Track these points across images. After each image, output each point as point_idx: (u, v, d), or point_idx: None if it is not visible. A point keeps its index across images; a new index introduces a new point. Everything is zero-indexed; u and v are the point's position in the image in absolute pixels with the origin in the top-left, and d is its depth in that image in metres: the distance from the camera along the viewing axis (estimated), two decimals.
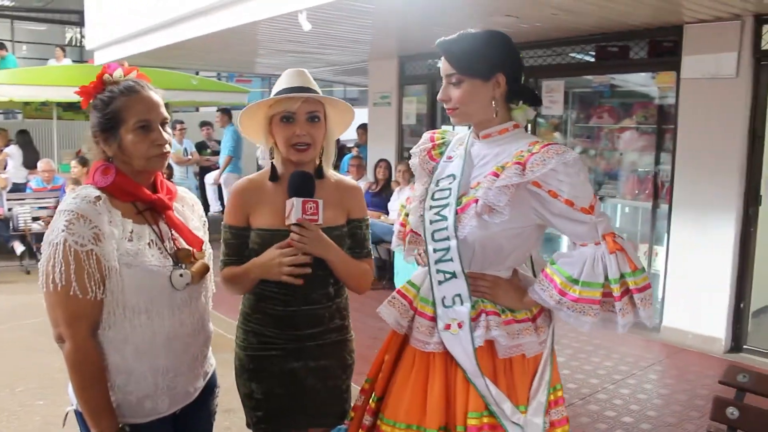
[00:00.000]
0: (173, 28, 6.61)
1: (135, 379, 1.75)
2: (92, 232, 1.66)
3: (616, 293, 1.74)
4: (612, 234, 1.78)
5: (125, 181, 1.79)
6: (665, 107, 5.66)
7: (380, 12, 5.28)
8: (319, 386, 2.03)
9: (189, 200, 2.04)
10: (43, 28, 15.92)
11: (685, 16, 4.92)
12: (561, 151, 1.73)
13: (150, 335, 1.75)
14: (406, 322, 1.94)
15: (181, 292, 1.82)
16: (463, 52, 1.84)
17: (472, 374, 1.80)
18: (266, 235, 1.94)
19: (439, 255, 1.86)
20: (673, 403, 4.14)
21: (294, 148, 1.92)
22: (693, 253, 5.21)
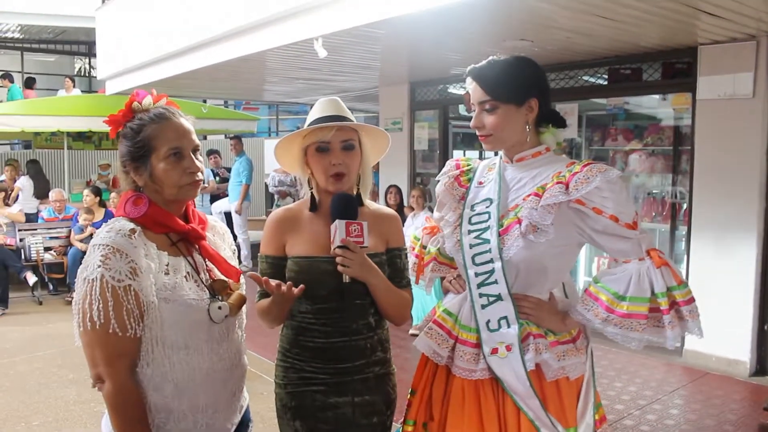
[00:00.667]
0: (183, 57, 6.65)
1: (175, 417, 1.69)
2: (129, 267, 1.61)
3: (663, 306, 1.74)
4: (656, 249, 1.80)
5: (158, 212, 1.73)
6: (681, 128, 5.64)
7: (391, 38, 5.29)
8: (364, 423, 1.93)
9: (220, 229, 2.00)
10: (52, 59, 16.08)
11: (699, 37, 4.92)
12: (604, 170, 1.75)
13: (189, 372, 1.70)
14: (445, 352, 1.92)
15: (219, 326, 1.77)
16: (497, 78, 1.86)
17: (525, 396, 1.80)
18: (303, 263, 1.88)
19: (482, 278, 1.86)
20: (702, 428, 4.05)
21: (332, 178, 1.88)
22: (714, 275, 5.14)
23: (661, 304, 1.74)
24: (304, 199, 1.99)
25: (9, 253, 7.55)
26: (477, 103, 1.89)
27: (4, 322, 6.92)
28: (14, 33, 14.37)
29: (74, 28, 13.50)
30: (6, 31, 14.13)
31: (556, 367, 1.83)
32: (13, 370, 5.32)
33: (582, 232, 1.82)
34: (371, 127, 1.98)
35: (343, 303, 1.88)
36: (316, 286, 1.86)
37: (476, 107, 1.90)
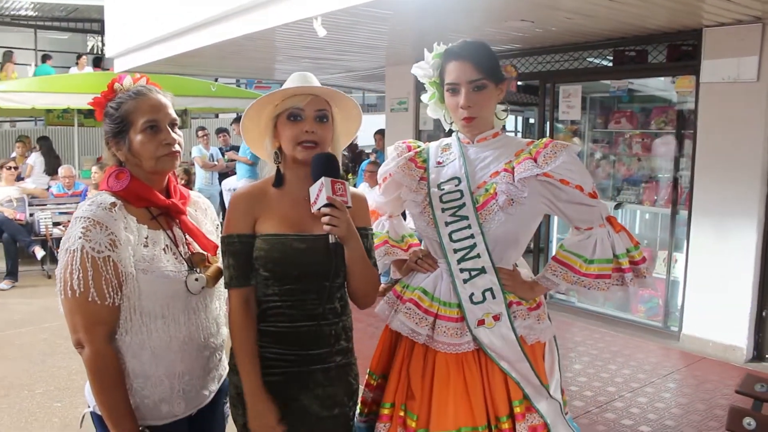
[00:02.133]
0: (191, 35, 6.65)
1: (152, 383, 1.77)
2: (108, 239, 1.68)
3: (625, 266, 1.97)
4: (614, 217, 2.02)
5: (139, 186, 1.81)
6: (684, 112, 5.59)
7: (395, 18, 5.27)
8: (325, 415, 1.85)
9: (202, 204, 2.06)
10: (65, 36, 16.16)
11: (704, 20, 4.86)
12: (567, 146, 1.93)
13: (166, 340, 1.78)
14: (424, 330, 1.94)
15: (197, 297, 1.84)
16: (485, 58, 1.95)
17: (514, 361, 1.90)
18: (273, 240, 1.79)
19: (462, 254, 1.93)
20: (692, 412, 4.06)
21: (301, 145, 1.79)
22: (713, 259, 5.13)
23: (623, 264, 1.97)
24: (267, 177, 1.91)
25: (19, 227, 7.67)
26: (467, 82, 1.92)
27: (13, 294, 7.06)
28: (27, 11, 14.46)
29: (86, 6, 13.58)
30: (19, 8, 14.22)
31: (538, 330, 1.98)
32: (19, 340, 5.45)
33: (550, 203, 1.95)
34: (345, 97, 1.89)
35: (311, 284, 1.81)
36: (287, 265, 1.79)
37: (464, 86, 1.93)
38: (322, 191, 1.73)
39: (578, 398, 4.22)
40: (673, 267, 5.63)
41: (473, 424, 1.88)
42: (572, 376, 4.61)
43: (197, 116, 13.45)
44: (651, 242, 6.29)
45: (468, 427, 1.88)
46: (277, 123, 1.85)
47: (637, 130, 6.12)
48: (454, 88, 1.95)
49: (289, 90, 1.82)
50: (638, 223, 6.65)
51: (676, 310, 5.59)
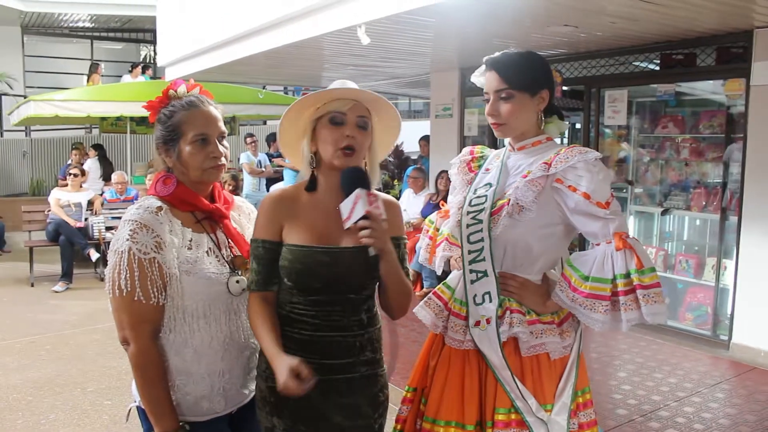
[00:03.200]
0: (240, 43, 6.81)
1: (194, 380, 1.85)
2: (154, 241, 1.76)
3: (620, 288, 1.80)
4: (623, 233, 1.84)
5: (184, 192, 1.88)
6: (734, 116, 5.46)
7: (439, 25, 5.30)
8: (348, 425, 1.82)
9: (246, 209, 2.12)
10: (119, 46, 16.68)
11: (755, 21, 4.75)
12: (584, 151, 1.87)
13: (208, 339, 1.85)
14: (441, 322, 2.03)
15: (237, 298, 1.90)
16: (513, 68, 1.96)
17: (498, 368, 1.91)
18: (298, 252, 1.77)
19: (473, 256, 1.98)
20: (741, 423, 3.96)
21: (341, 151, 1.76)
22: (764, 266, 4.99)
23: (619, 285, 1.80)
24: (300, 182, 1.88)
25: (75, 230, 7.94)
26: (493, 92, 1.98)
27: (68, 296, 7.33)
28: (85, 22, 14.97)
29: (140, 17, 13.98)
30: (77, 20, 14.73)
31: (531, 343, 1.91)
32: (73, 340, 5.66)
33: (562, 211, 1.90)
34: (387, 109, 1.89)
35: (336, 296, 1.80)
36: (309, 277, 1.77)
37: (492, 96, 1.98)
38: (357, 204, 1.69)
39: (622, 406, 4.17)
40: (723, 274, 5.50)
41: (462, 421, 1.92)
42: (617, 384, 4.55)
43: (246, 123, 13.70)
44: (700, 249, 6.16)
45: (457, 423, 1.92)
46: (317, 126, 1.81)
47: (685, 135, 6.00)
48: (487, 97, 2.01)
49: (335, 92, 1.79)
50: (687, 229, 6.52)
51: (725, 318, 5.45)
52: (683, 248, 6.42)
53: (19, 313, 6.61)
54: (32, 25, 14.60)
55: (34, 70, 14.97)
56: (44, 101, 9.78)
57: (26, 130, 13.38)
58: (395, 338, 2.03)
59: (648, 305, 1.77)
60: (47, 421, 4.04)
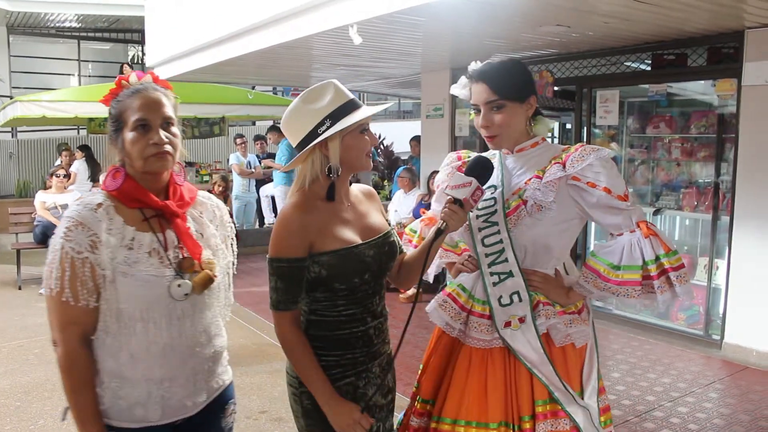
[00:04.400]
0: (229, 44, 6.76)
1: (129, 384, 1.74)
2: (89, 240, 1.66)
3: (653, 273, 1.89)
4: (645, 221, 1.94)
5: (132, 187, 1.76)
6: (725, 116, 5.48)
7: (430, 25, 5.28)
8: (382, 402, 1.98)
9: (210, 206, 1.99)
10: (107, 47, 16.54)
11: (746, 21, 4.76)
12: (597, 149, 1.95)
13: (145, 344, 1.74)
14: (458, 324, 2.05)
15: (182, 303, 1.78)
16: (502, 78, 1.99)
17: (538, 363, 1.95)
18: (345, 253, 1.83)
19: (492, 258, 2.01)
20: (735, 423, 3.97)
21: (368, 156, 1.90)
22: (756, 266, 5.00)
23: (651, 270, 1.89)
24: (304, 192, 1.88)
25: None
26: (484, 104, 2.00)
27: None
28: (72, 22, 14.84)
29: (127, 17, 13.87)
30: (64, 20, 14.60)
31: (564, 333, 1.99)
32: None
33: (581, 208, 1.97)
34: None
35: (377, 285, 1.93)
36: (362, 273, 1.85)
37: (483, 107, 2.00)
38: (465, 188, 1.89)
39: (617, 407, 4.16)
40: (715, 274, 5.51)
41: (485, 420, 1.94)
42: (610, 385, 4.54)
43: (234, 124, 13.63)
44: (691, 249, 6.17)
45: (479, 423, 1.94)
46: (346, 138, 1.84)
47: (676, 135, 6.02)
48: (477, 108, 2.03)
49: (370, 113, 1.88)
50: (678, 229, 6.53)
51: (717, 318, 5.46)
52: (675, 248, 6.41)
53: (7, 316, 6.51)
54: (18, 25, 14.45)
55: (21, 70, 14.81)
56: (31, 102, 9.67)
57: (13, 131, 13.24)
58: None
59: (680, 285, 1.90)
60: (36, 426, 3.98)
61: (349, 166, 1.88)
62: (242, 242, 9.10)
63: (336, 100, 1.84)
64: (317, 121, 1.82)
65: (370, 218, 1.96)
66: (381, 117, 19.13)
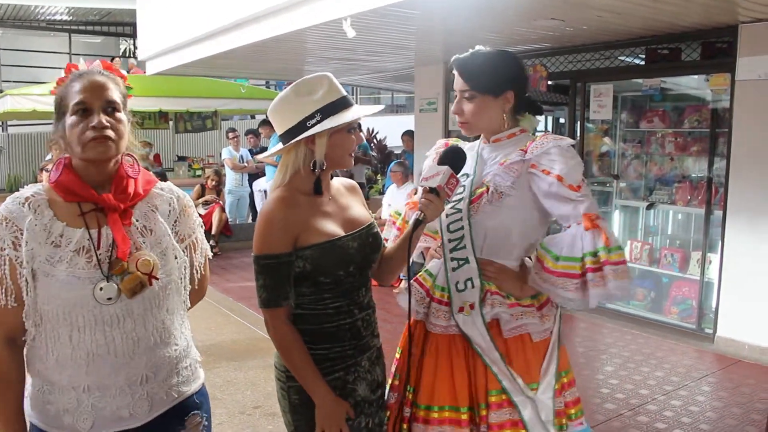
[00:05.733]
0: (221, 37, 6.72)
1: (57, 389, 1.64)
2: (12, 236, 1.57)
3: (589, 265, 1.86)
4: (592, 214, 1.90)
5: (69, 179, 1.64)
6: (719, 110, 5.49)
7: (424, 18, 5.26)
8: (372, 398, 1.97)
9: (167, 197, 1.80)
10: (98, 40, 16.43)
11: (740, 16, 4.76)
12: (558, 138, 1.97)
13: (71, 349, 1.61)
14: (423, 309, 2.08)
15: (111, 308, 1.61)
16: (477, 70, 2.02)
17: (487, 350, 1.97)
18: (329, 246, 1.82)
19: (454, 244, 2.04)
20: (728, 416, 3.98)
21: (351, 154, 1.91)
22: (748, 260, 5.02)
23: (587, 263, 1.87)
24: (287, 187, 1.86)
25: None
26: (458, 91, 2.05)
27: None
28: (62, 15, 14.71)
29: (119, 10, 13.75)
30: (55, 13, 14.48)
31: (513, 324, 1.98)
32: None
33: (535, 197, 1.97)
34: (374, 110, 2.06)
35: (362, 277, 1.93)
36: (347, 265, 1.85)
37: (457, 95, 2.06)
38: (439, 176, 1.88)
39: (610, 401, 4.17)
40: (707, 268, 5.53)
41: (456, 404, 1.98)
42: (604, 379, 4.55)
43: (228, 118, 13.58)
44: (684, 243, 6.19)
45: (451, 406, 1.98)
46: (333, 136, 1.83)
47: (669, 129, 6.03)
48: (455, 94, 2.08)
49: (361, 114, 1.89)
50: (671, 223, 6.55)
51: (710, 311, 5.48)
52: (668, 242, 6.45)
53: None
54: (8, 17, 14.31)
55: (11, 64, 14.68)
56: (21, 96, 9.60)
57: (3, 125, 13.15)
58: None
59: (615, 281, 1.84)
60: None
61: (332, 163, 1.88)
62: (235, 236, 9.18)
63: (329, 95, 1.82)
64: (307, 113, 1.80)
65: (352, 211, 1.96)
66: None
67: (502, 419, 1.95)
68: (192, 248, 1.84)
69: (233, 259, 8.34)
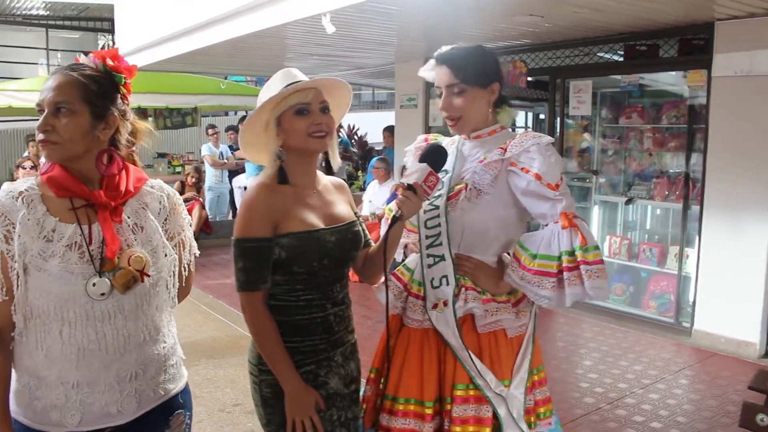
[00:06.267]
0: (200, 32, 6.66)
1: (45, 385, 1.63)
2: (5, 230, 1.58)
3: (565, 264, 1.88)
4: (569, 213, 1.92)
5: (60, 174, 1.65)
6: (696, 107, 5.54)
7: (404, 14, 5.25)
8: (345, 392, 1.97)
9: (158, 196, 1.81)
10: (76, 35, 16.23)
11: (716, 13, 4.82)
12: (537, 136, 1.97)
13: (61, 344, 1.62)
14: (400, 303, 2.10)
15: (103, 304, 1.63)
16: (465, 62, 2.01)
17: (457, 348, 1.98)
18: (306, 237, 1.83)
19: (430, 241, 2.04)
20: (704, 408, 4.04)
21: (312, 136, 1.84)
22: (725, 255, 5.09)
23: (564, 261, 1.89)
24: (268, 178, 1.88)
25: None
26: (445, 87, 2.02)
27: None
28: (39, 10, 14.51)
29: (97, 5, 13.57)
30: (31, 8, 14.28)
31: (487, 320, 1.99)
32: None
33: (513, 196, 1.98)
34: (340, 89, 1.98)
35: (337, 272, 1.93)
36: (321, 258, 1.85)
37: (444, 90, 2.03)
38: (417, 173, 1.89)
39: (589, 395, 4.21)
40: (685, 262, 5.60)
41: (421, 398, 1.99)
42: (583, 373, 4.59)
43: (207, 114, 13.48)
44: (662, 237, 6.25)
45: (417, 400, 1.99)
46: (282, 120, 1.86)
47: (648, 125, 6.08)
48: (439, 91, 2.06)
49: (297, 86, 1.84)
50: (649, 218, 6.62)
51: (687, 305, 5.55)
52: (647, 237, 6.51)
53: None
54: None
55: None
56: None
57: None
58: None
59: (590, 280, 1.86)
60: None
61: (294, 149, 1.87)
62: (215, 234, 9.12)
63: (281, 84, 1.85)
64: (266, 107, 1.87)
65: (335, 207, 1.96)
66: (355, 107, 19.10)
67: (467, 414, 1.96)
68: (180, 246, 1.85)
69: (213, 256, 8.30)
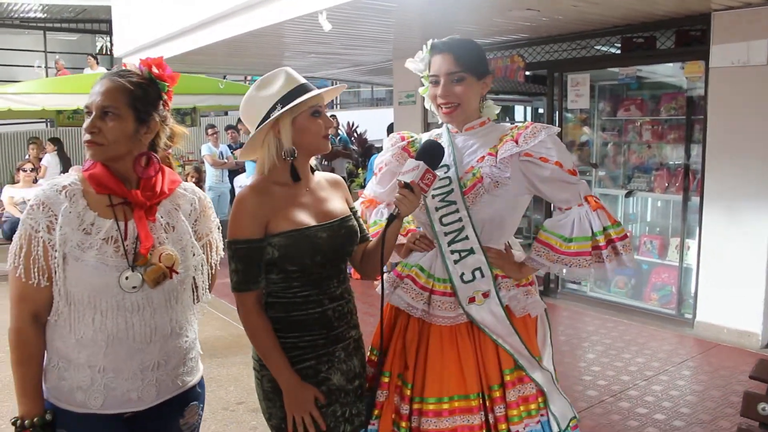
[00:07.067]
0: (198, 32, 6.68)
1: (73, 367, 1.75)
2: (48, 220, 1.69)
3: (601, 243, 2.01)
4: (592, 195, 2.06)
5: (99, 172, 1.76)
6: (694, 98, 5.54)
7: (401, 10, 5.25)
8: (349, 388, 1.98)
9: (190, 198, 1.94)
10: (74, 38, 16.23)
11: (713, 3, 4.81)
12: (546, 127, 2.02)
13: (92, 331, 1.74)
14: (420, 304, 2.08)
15: (134, 296, 1.75)
16: (466, 52, 2.06)
17: (505, 334, 2.02)
18: (297, 235, 1.85)
19: (452, 236, 2.05)
20: (707, 399, 4.04)
21: (325, 138, 1.93)
22: (726, 246, 5.09)
23: (600, 241, 2.00)
24: (264, 176, 1.91)
25: None
26: (446, 74, 2.04)
27: None
28: (37, 13, 14.52)
29: (94, 7, 13.60)
30: (28, 11, 14.28)
31: (524, 304, 2.08)
32: None
33: (531, 184, 2.04)
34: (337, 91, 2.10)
35: (333, 268, 1.94)
36: (314, 256, 1.86)
37: (443, 78, 2.04)
38: (414, 171, 1.89)
39: (592, 387, 4.22)
40: (686, 254, 5.60)
41: (465, 392, 2.00)
42: (586, 366, 4.60)
43: (206, 114, 13.48)
44: (663, 229, 6.25)
45: (460, 395, 2.00)
46: (296, 121, 1.88)
47: (646, 117, 6.08)
48: (435, 80, 2.07)
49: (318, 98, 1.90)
50: (650, 210, 6.61)
51: (689, 297, 5.55)
52: (647, 229, 6.52)
53: None
54: None
55: None
56: None
57: None
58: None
59: (626, 254, 2.03)
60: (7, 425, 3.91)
61: (305, 149, 1.91)
62: None
63: (286, 86, 1.88)
64: (269, 106, 1.87)
65: (329, 203, 1.98)
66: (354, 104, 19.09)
67: (519, 395, 2.03)
68: (208, 246, 1.99)
69: None
